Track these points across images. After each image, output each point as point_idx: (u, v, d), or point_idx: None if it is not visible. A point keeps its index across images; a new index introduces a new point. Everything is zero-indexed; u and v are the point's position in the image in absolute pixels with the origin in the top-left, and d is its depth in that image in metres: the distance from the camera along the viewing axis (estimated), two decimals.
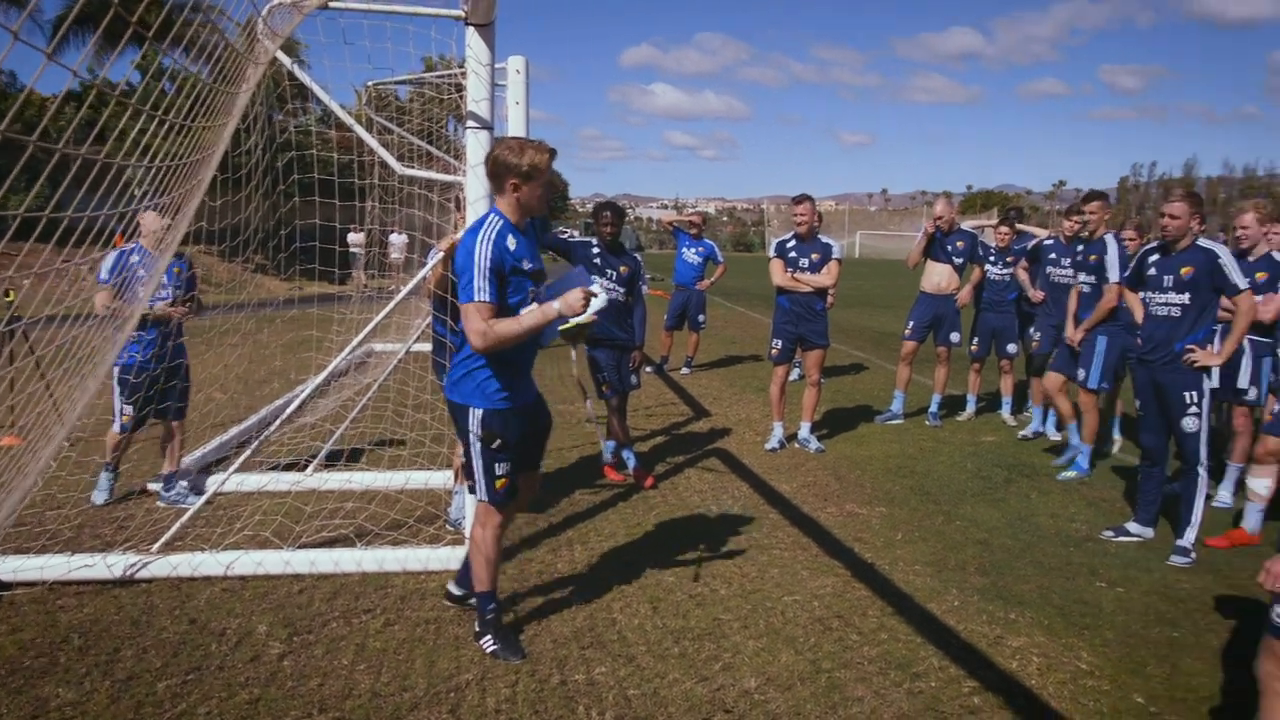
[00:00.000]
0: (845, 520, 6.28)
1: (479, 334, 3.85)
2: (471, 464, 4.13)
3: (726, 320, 19.72)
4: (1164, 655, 4.39)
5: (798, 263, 7.94)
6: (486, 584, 4.28)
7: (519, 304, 4.01)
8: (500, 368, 4.06)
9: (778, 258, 8.05)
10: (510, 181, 3.98)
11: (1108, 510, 6.65)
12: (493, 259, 3.88)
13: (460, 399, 4.10)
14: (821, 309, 8.03)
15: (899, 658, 4.26)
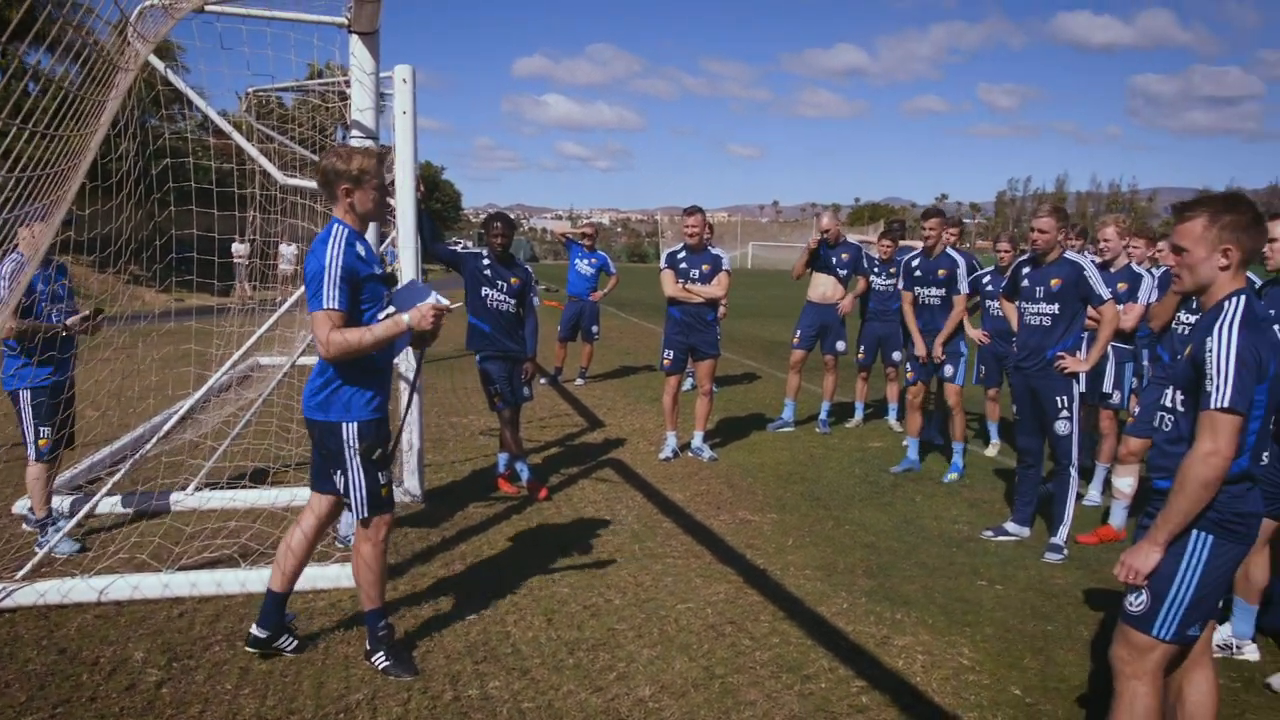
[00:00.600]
0: (738, 527, 6.37)
1: (327, 342, 3.78)
2: (350, 481, 4.03)
3: (621, 331, 19.81)
4: (1039, 648, 4.58)
5: (688, 273, 8.04)
6: (377, 600, 4.18)
7: (375, 312, 3.97)
8: (366, 378, 4.01)
9: (668, 269, 8.13)
10: (342, 188, 3.94)
11: (988, 511, 6.91)
12: (344, 266, 3.82)
13: (330, 417, 3.99)
14: (712, 319, 8.14)
15: (790, 661, 4.34)
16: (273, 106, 8.90)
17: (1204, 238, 3.02)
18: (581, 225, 13.67)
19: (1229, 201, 3.04)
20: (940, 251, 7.76)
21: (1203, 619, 3.02)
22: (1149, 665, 3.03)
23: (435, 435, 8.93)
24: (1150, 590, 3.00)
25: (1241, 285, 3.03)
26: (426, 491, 6.83)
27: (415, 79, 6.51)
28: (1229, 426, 2.83)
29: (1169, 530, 2.94)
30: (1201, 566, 2.94)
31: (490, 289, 6.89)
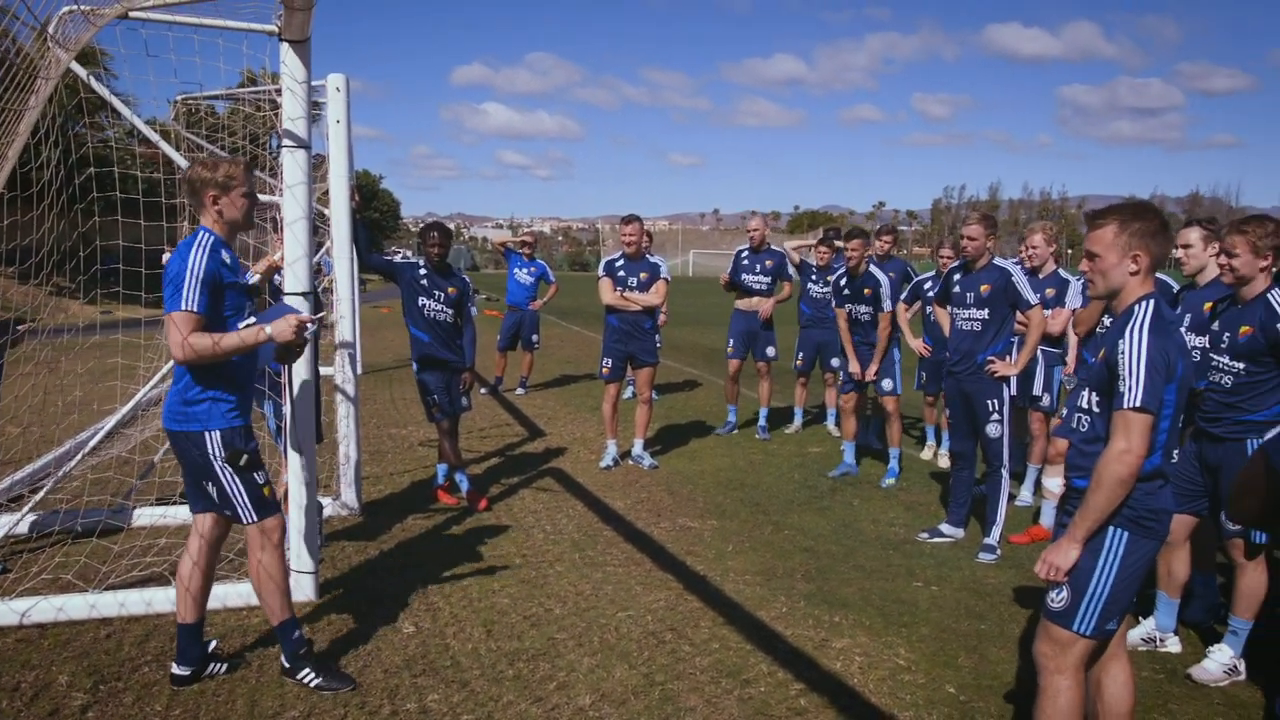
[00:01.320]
0: (678, 534, 6.39)
1: (180, 345, 3.67)
2: (226, 491, 3.93)
3: (562, 340, 19.77)
4: (973, 646, 4.66)
5: (626, 281, 8.06)
6: (286, 610, 4.09)
7: (237, 322, 3.91)
8: (227, 386, 3.91)
9: (606, 277, 8.15)
10: (209, 195, 3.90)
11: (924, 513, 7.03)
12: (207, 269, 3.76)
13: (189, 427, 3.87)
14: (650, 327, 8.17)
15: (730, 666, 4.36)
16: (203, 115, 8.72)
17: (1114, 244, 3.13)
18: (521, 234, 13.63)
19: (1137, 210, 3.16)
20: (864, 271, 7.90)
21: (1120, 613, 3.11)
22: (1071, 660, 3.10)
23: (373, 447, 8.83)
24: (1070, 586, 3.08)
25: (1151, 290, 3.14)
26: (364, 504, 6.74)
27: (349, 88, 6.45)
28: (1141, 425, 2.92)
29: (1087, 527, 3.02)
30: (1118, 562, 3.03)
31: (427, 299, 6.84)
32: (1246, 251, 4.37)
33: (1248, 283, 4.42)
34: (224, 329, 3.83)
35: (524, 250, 12.80)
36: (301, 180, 4.85)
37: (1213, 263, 5.04)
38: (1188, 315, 5.31)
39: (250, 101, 8.81)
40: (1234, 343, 4.46)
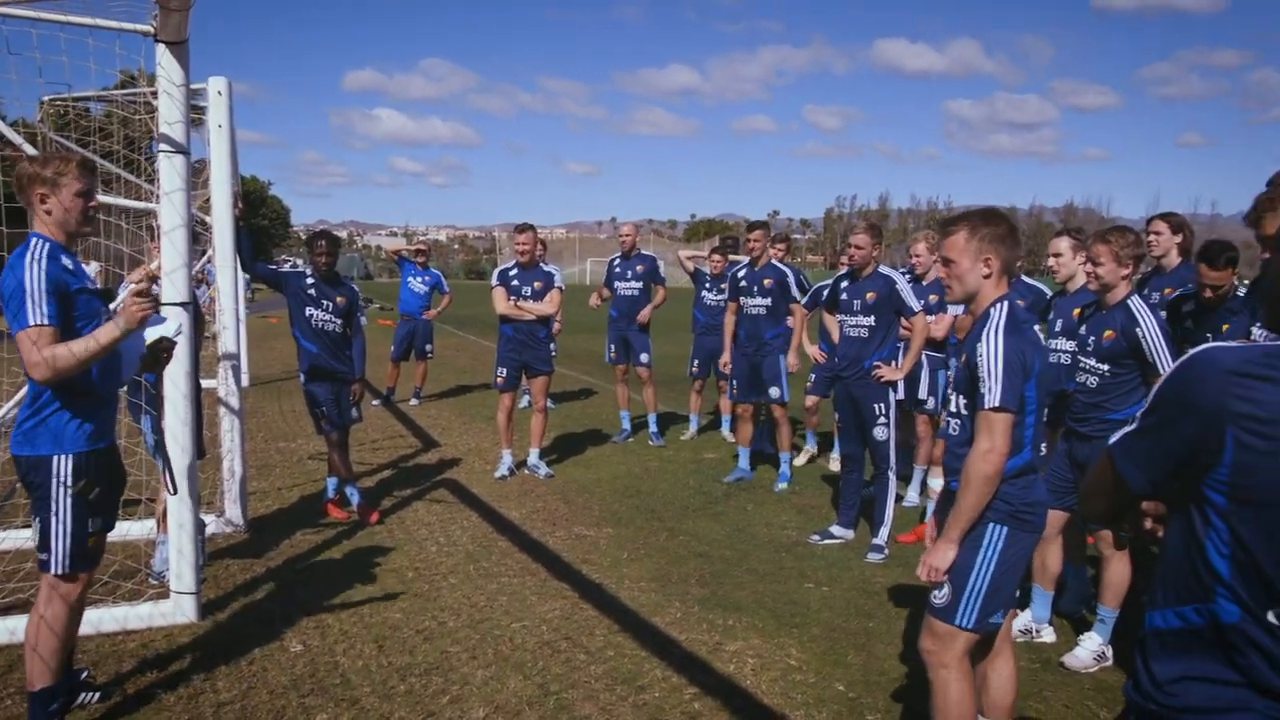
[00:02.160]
0: (573, 543, 6.38)
1: (40, 362, 3.32)
2: (53, 526, 3.53)
3: (458, 349, 19.55)
4: (862, 644, 4.78)
5: (520, 291, 8.03)
6: (54, 675, 3.62)
7: (94, 329, 3.51)
8: (84, 404, 3.57)
9: (500, 286, 8.09)
10: (37, 193, 3.52)
11: (815, 516, 7.18)
12: (50, 277, 3.40)
13: (37, 450, 3.53)
14: (545, 336, 8.15)
15: (625, 672, 4.37)
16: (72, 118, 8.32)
17: (966, 249, 3.26)
18: (415, 243, 13.44)
19: (986, 216, 3.30)
20: (766, 263, 8.01)
21: (1003, 606, 3.22)
22: (955, 653, 3.20)
23: (260, 461, 8.56)
24: (951, 582, 3.18)
25: (1005, 292, 3.28)
26: (250, 520, 6.53)
27: (232, 91, 6.27)
28: (1003, 424, 3.05)
29: (961, 527, 3.13)
30: (997, 556, 3.14)
31: (315, 309, 6.68)
32: (1110, 260, 4.61)
33: (1111, 289, 4.66)
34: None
35: (418, 259, 12.63)
36: (179, 187, 4.68)
37: (1081, 270, 5.31)
38: (1059, 320, 5.57)
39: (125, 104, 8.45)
40: (1099, 346, 4.69)
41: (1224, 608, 1.61)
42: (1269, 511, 1.55)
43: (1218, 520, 1.60)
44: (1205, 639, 1.64)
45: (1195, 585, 1.64)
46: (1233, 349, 1.61)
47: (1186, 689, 1.65)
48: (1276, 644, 1.58)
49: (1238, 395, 1.56)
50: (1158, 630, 1.71)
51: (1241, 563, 1.58)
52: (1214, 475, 1.59)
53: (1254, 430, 1.54)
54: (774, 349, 7.93)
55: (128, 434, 5.83)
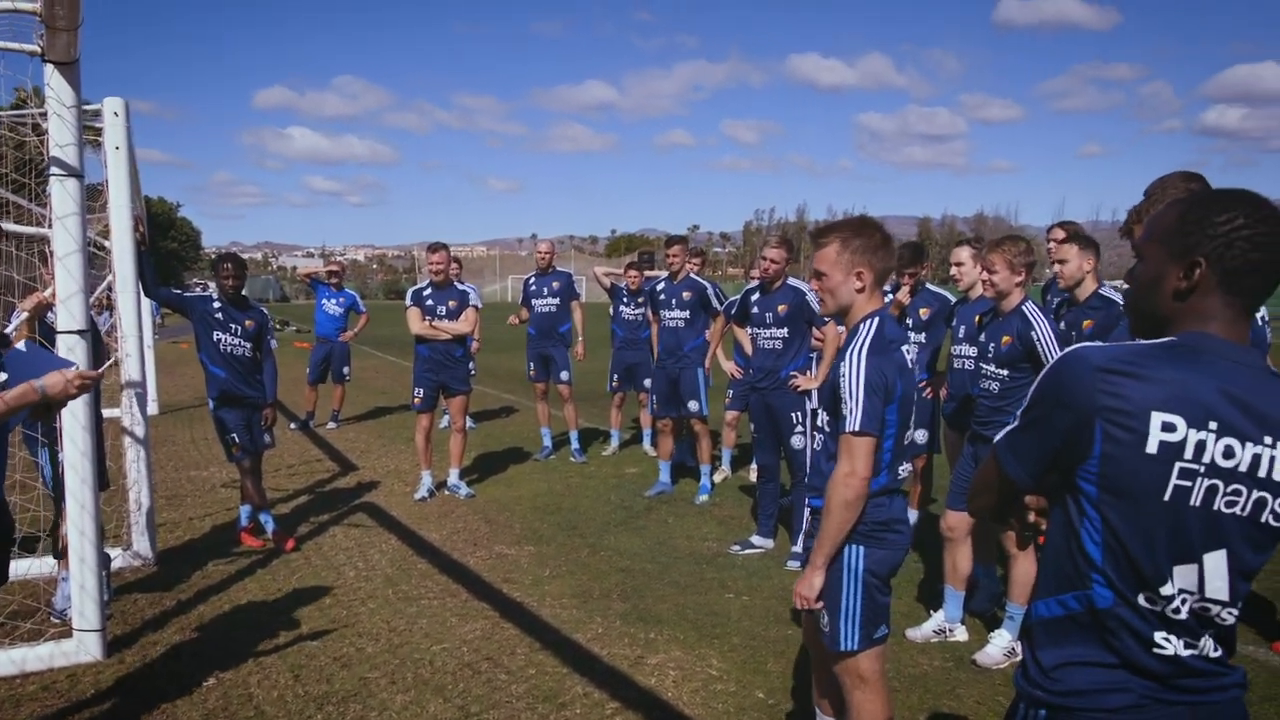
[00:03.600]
0: (495, 562, 6.34)
1: None
2: None
3: (377, 371, 19.28)
4: (781, 651, 4.85)
5: (435, 310, 7.97)
6: None
7: None
8: None
9: (414, 306, 8.03)
10: None
11: (735, 527, 7.25)
12: None
13: None
14: (462, 355, 8.11)
15: (546, 690, 4.36)
16: None
17: (838, 262, 3.15)
18: (331, 263, 13.24)
19: (858, 226, 3.19)
20: (685, 276, 8.10)
21: (883, 620, 3.16)
22: (858, 675, 3.15)
23: (170, 491, 8.33)
24: (827, 609, 3.12)
25: (878, 307, 3.18)
26: (159, 553, 6.35)
27: (129, 112, 6.12)
28: (864, 448, 2.96)
29: (825, 553, 3.06)
30: (860, 576, 3.09)
31: (223, 333, 6.54)
32: (1004, 268, 4.78)
33: (1006, 296, 4.83)
34: None
35: (331, 280, 12.44)
36: (74, 211, 4.54)
37: (981, 279, 5.48)
38: (962, 327, 5.74)
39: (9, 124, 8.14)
40: (998, 351, 4.85)
41: (1099, 593, 1.71)
42: (1134, 500, 1.66)
43: (1090, 510, 1.70)
44: (1084, 624, 1.73)
45: (1073, 573, 1.74)
46: (1101, 348, 1.70)
47: (1069, 674, 1.74)
48: (1147, 625, 1.69)
49: (1105, 390, 1.65)
50: (1041, 619, 1.80)
51: (1113, 549, 1.68)
52: (1086, 467, 1.69)
53: (1120, 423, 1.64)
54: (693, 362, 8.01)
55: (24, 468, 5.64)
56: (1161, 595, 1.68)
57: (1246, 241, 1.68)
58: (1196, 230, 1.70)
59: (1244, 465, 1.64)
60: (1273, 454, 1.64)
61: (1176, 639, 1.69)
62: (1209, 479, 1.64)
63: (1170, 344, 1.70)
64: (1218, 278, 1.70)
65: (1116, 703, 1.69)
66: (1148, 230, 1.80)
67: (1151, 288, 1.78)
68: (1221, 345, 1.69)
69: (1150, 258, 1.78)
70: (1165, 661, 1.69)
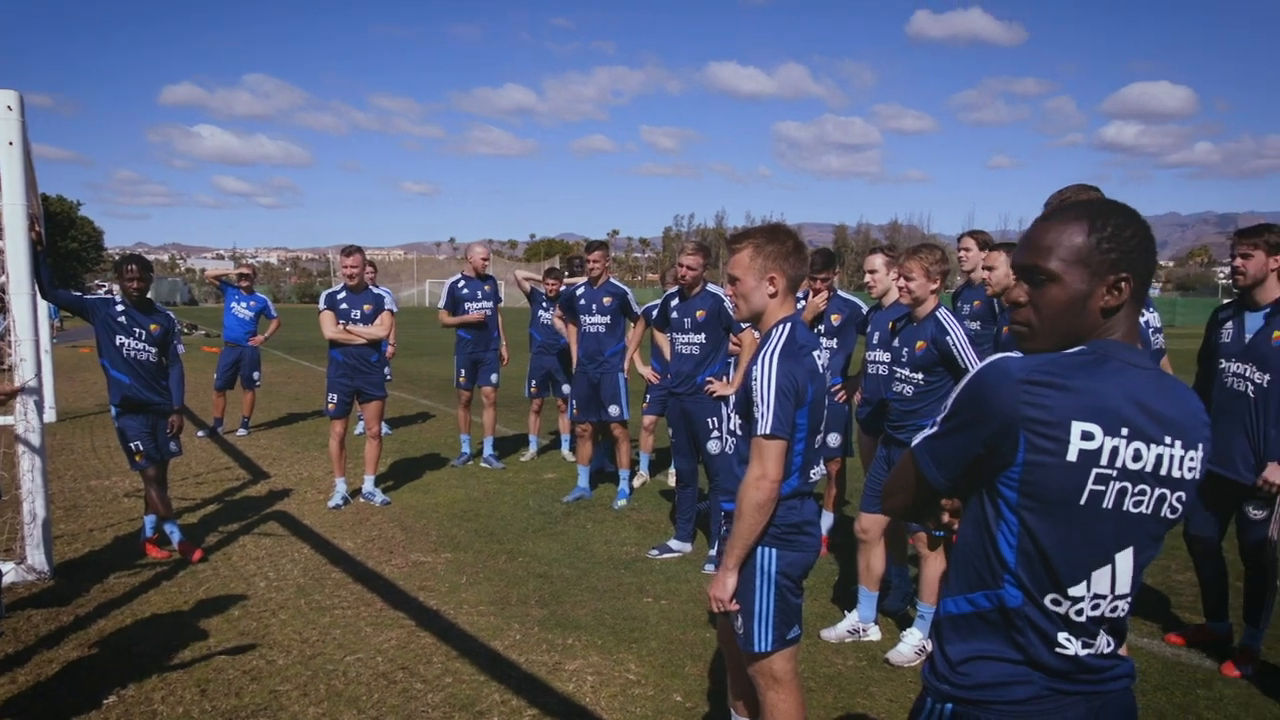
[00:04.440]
0: (410, 570, 6.25)
1: None
2: None
3: (289, 376, 18.84)
4: (699, 654, 4.87)
5: (349, 315, 7.83)
6: None
7: None
8: None
9: (328, 310, 7.87)
10: None
11: (653, 531, 7.28)
12: None
13: None
14: (377, 360, 7.98)
15: (463, 699, 4.31)
16: None
17: (751, 267, 3.20)
18: (242, 265, 12.90)
19: (770, 233, 3.24)
20: (605, 281, 8.10)
21: (796, 620, 3.20)
22: (772, 676, 3.19)
23: (69, 501, 8.01)
24: (741, 611, 3.15)
25: (790, 313, 3.23)
26: (57, 566, 6.10)
27: (24, 106, 5.88)
28: (774, 452, 2.99)
29: (737, 555, 3.08)
30: (773, 578, 3.12)
31: (126, 337, 6.32)
32: (921, 275, 4.89)
33: (922, 303, 4.95)
34: None
35: (241, 283, 12.12)
36: None
37: (895, 285, 5.60)
38: (876, 333, 5.86)
39: None
40: (912, 356, 4.96)
41: (1009, 593, 1.77)
42: (1053, 506, 1.72)
43: (1009, 514, 1.75)
44: (992, 622, 1.79)
45: (985, 573, 1.79)
46: (1021, 359, 1.75)
47: (976, 668, 1.79)
48: (1052, 625, 1.76)
49: (1028, 401, 1.70)
50: (951, 615, 1.85)
51: (1027, 552, 1.75)
52: (1008, 474, 1.74)
53: (1041, 432, 1.69)
54: (613, 367, 8.02)
55: None
56: (1070, 597, 1.75)
57: (1148, 253, 1.77)
58: (1116, 247, 1.76)
59: (1149, 466, 1.72)
60: (1172, 453, 1.74)
61: (1076, 639, 1.77)
62: (1120, 482, 1.71)
63: (1081, 353, 1.77)
64: (1135, 289, 1.77)
65: (1020, 695, 1.76)
66: (1050, 250, 1.80)
67: (1075, 307, 1.79)
68: (1125, 351, 1.77)
69: (1068, 279, 1.79)
70: (1065, 660, 1.77)
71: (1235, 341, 4.78)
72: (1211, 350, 4.93)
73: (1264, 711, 4.30)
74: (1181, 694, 4.46)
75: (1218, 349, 4.88)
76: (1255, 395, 4.65)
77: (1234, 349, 4.77)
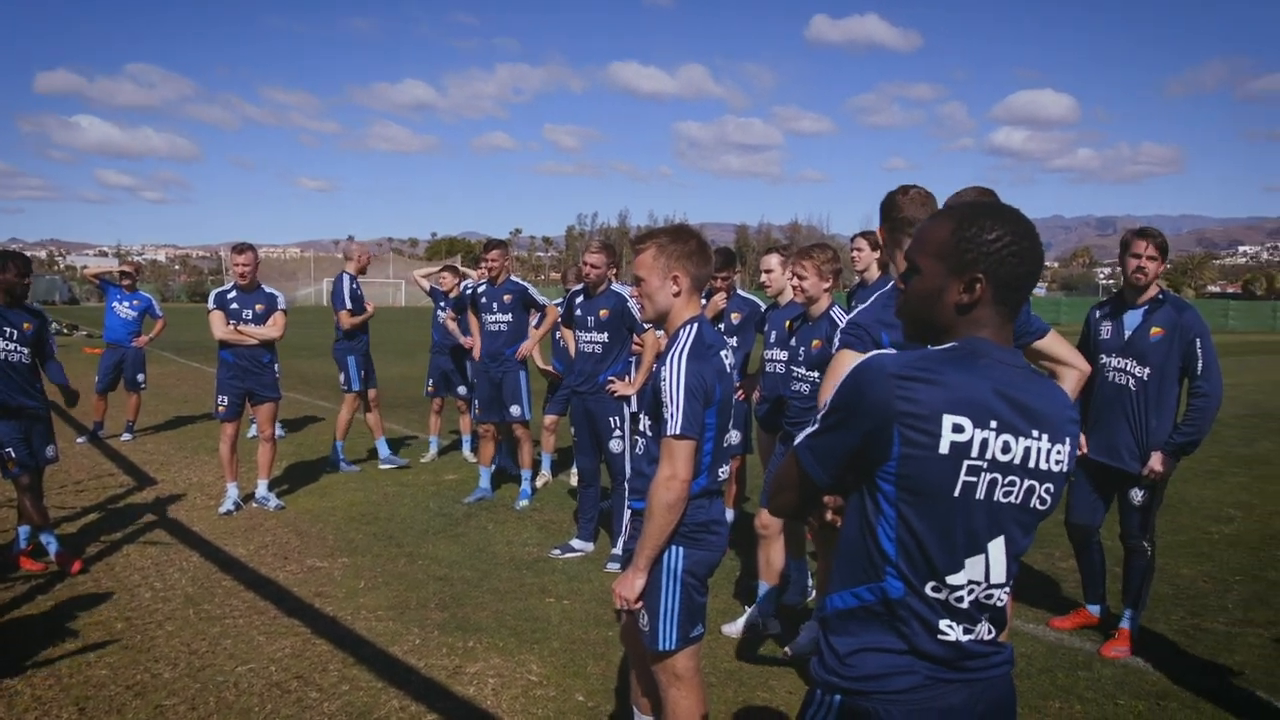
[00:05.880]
0: (306, 576, 6.09)
1: None
2: None
3: (179, 378, 18.18)
4: (601, 654, 4.87)
5: (240, 314, 7.59)
6: None
7: None
8: None
9: (217, 310, 7.61)
10: None
11: (556, 531, 7.25)
12: None
13: None
14: (269, 360, 7.74)
15: (360, 706, 4.23)
16: None
17: (655, 267, 3.22)
18: (125, 263, 12.38)
19: (674, 233, 3.28)
20: (505, 279, 8.03)
21: (700, 620, 3.22)
22: (675, 674, 3.19)
23: None
24: (647, 610, 3.16)
25: (696, 313, 3.26)
26: None
27: None
28: (684, 451, 3.01)
29: (648, 555, 3.09)
30: (679, 577, 3.14)
31: None
32: (813, 274, 4.99)
33: (816, 301, 5.04)
34: None
35: (123, 281, 11.63)
36: None
37: (790, 285, 5.70)
38: (773, 332, 5.95)
39: None
40: (809, 355, 5.06)
41: (891, 584, 1.82)
42: (929, 498, 1.77)
43: (887, 507, 1.80)
44: (876, 614, 1.84)
45: (867, 566, 1.84)
46: (895, 356, 1.80)
47: (863, 659, 1.83)
48: (934, 614, 1.81)
49: (901, 396, 1.75)
50: (837, 610, 1.89)
51: (906, 544, 1.80)
52: (885, 468, 1.79)
53: (916, 427, 1.75)
54: (515, 366, 7.95)
55: None
56: (948, 585, 1.80)
57: (1015, 257, 1.83)
58: (973, 248, 1.83)
59: (1018, 458, 1.79)
60: (1039, 445, 1.81)
61: (958, 625, 1.83)
62: (990, 473, 1.78)
63: (953, 349, 1.84)
64: (993, 291, 1.84)
65: (903, 684, 1.81)
66: (921, 244, 1.92)
67: (932, 299, 1.89)
68: (994, 349, 1.84)
69: (929, 272, 1.89)
70: (948, 647, 1.82)
71: (1115, 338, 5.02)
72: (1092, 347, 5.15)
73: (1139, 689, 4.52)
74: (1064, 676, 4.65)
75: (1098, 346, 5.10)
76: (1136, 389, 4.89)
77: (1114, 345, 5.01)
